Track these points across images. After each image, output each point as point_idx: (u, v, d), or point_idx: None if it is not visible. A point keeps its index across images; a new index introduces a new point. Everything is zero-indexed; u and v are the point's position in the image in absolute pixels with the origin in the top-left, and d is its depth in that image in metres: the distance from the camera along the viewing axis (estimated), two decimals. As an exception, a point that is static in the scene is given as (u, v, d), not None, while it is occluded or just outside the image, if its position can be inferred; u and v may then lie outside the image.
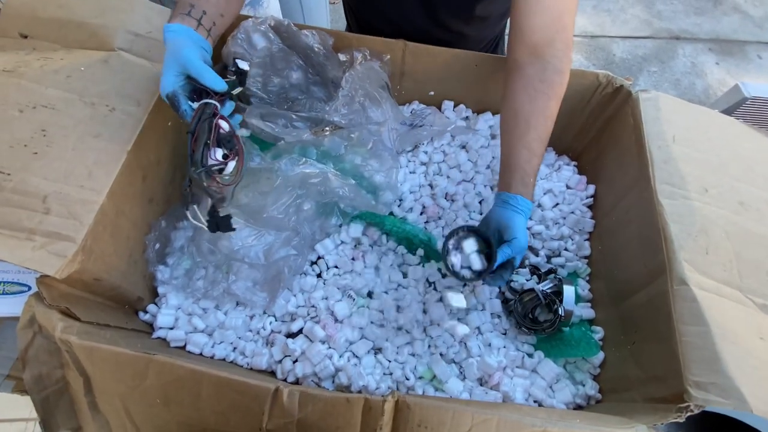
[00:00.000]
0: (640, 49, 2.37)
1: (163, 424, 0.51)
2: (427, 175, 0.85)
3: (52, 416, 0.56)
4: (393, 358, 0.65)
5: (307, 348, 0.64)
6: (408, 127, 0.83)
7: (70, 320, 0.51)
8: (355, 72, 0.74)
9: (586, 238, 0.78)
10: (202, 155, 0.51)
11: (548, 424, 0.45)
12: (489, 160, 0.84)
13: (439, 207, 0.80)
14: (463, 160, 0.83)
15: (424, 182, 0.84)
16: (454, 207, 0.81)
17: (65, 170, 0.55)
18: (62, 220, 0.52)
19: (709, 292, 0.53)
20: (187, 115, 0.54)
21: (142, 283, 0.68)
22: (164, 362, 0.46)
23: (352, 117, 0.75)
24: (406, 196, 0.82)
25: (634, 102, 0.72)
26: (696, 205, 0.60)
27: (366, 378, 0.61)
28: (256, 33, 0.76)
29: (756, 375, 0.48)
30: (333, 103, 0.74)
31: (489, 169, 0.84)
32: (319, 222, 0.74)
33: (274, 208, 0.67)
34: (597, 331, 0.67)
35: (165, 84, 0.55)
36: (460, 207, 0.81)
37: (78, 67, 0.63)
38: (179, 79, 0.55)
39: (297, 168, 0.67)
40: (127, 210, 0.61)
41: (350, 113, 0.75)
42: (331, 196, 0.71)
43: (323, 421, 0.47)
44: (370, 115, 0.77)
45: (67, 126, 0.58)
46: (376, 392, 0.61)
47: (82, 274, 0.54)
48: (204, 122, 0.52)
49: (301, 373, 0.63)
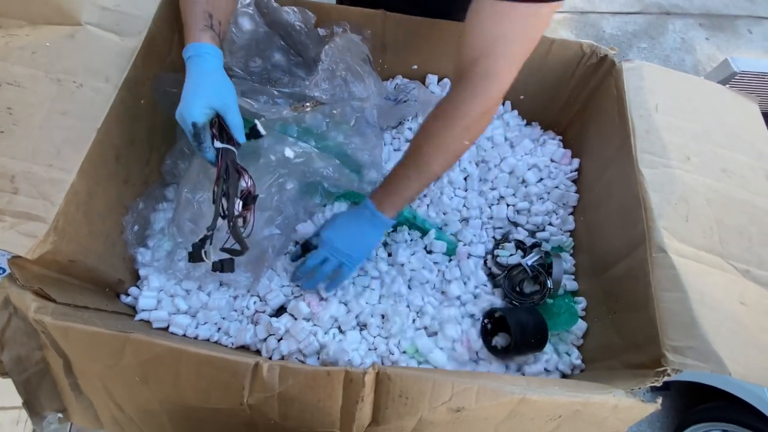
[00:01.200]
0: (630, 25, 2.34)
1: (144, 403, 0.51)
2: None
3: (35, 398, 0.56)
4: (377, 333, 0.65)
5: (292, 326, 0.63)
6: (392, 103, 0.81)
7: (45, 301, 0.50)
8: (335, 45, 0.72)
9: (570, 212, 0.78)
10: (233, 207, 0.53)
11: (528, 391, 0.45)
12: None
13: None
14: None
15: None
16: (439, 184, 0.80)
17: (33, 149, 0.53)
18: (32, 200, 0.51)
19: (688, 259, 0.53)
20: (209, 154, 0.54)
21: (122, 265, 0.67)
22: (141, 341, 0.46)
23: (333, 92, 0.73)
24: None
25: (617, 72, 0.71)
26: (677, 173, 0.60)
27: (351, 354, 0.62)
28: (244, 16, 0.74)
29: (735, 339, 0.48)
30: (313, 78, 0.72)
31: (474, 145, 0.83)
32: (303, 202, 0.73)
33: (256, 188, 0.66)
34: (579, 302, 0.68)
35: (193, 113, 0.52)
36: (445, 184, 0.80)
37: (43, 42, 0.60)
38: (209, 112, 0.53)
39: (279, 148, 0.66)
40: (100, 190, 0.59)
41: (332, 88, 0.73)
42: (315, 176, 0.70)
43: (304, 394, 0.47)
44: (353, 90, 0.75)
45: (34, 104, 0.56)
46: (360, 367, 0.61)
47: (56, 255, 0.52)
48: (234, 175, 0.54)
49: (286, 350, 0.63)
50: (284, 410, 0.47)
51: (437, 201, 0.78)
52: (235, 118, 0.55)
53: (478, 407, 0.46)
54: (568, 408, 0.47)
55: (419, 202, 0.79)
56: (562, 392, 0.46)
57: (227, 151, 0.54)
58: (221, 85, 0.54)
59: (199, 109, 0.52)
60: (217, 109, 0.54)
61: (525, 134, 0.86)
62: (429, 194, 0.79)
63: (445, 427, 0.49)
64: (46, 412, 0.56)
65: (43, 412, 0.56)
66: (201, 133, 0.53)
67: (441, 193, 0.79)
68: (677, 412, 1.27)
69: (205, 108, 0.53)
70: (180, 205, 0.65)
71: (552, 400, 0.46)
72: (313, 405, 0.47)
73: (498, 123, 0.87)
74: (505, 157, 0.81)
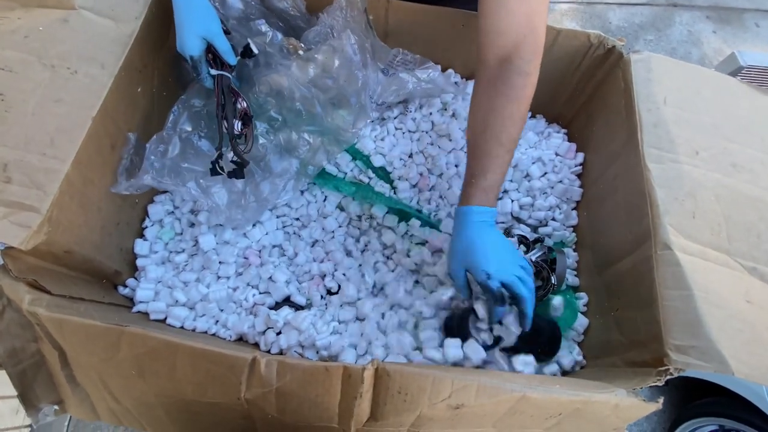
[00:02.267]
0: (636, 17, 2.30)
1: (140, 396, 0.51)
2: (418, 142, 0.81)
3: (30, 390, 0.55)
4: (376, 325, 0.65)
5: (292, 318, 0.63)
6: (393, 73, 0.78)
7: (39, 293, 0.49)
8: (337, 3, 0.69)
9: (573, 207, 0.77)
10: (232, 128, 0.60)
11: (527, 389, 0.44)
12: None
13: (429, 177, 0.78)
14: (454, 129, 0.80)
15: (416, 150, 0.81)
16: (446, 175, 0.78)
17: (25, 137, 0.52)
18: (25, 190, 0.50)
19: (694, 256, 0.52)
20: (207, 82, 0.62)
21: (119, 256, 0.66)
22: (136, 334, 0.45)
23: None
24: (396, 164, 0.79)
25: (625, 64, 0.69)
26: (685, 168, 0.58)
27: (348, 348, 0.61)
28: None
29: (740, 338, 0.48)
30: (308, 32, 0.69)
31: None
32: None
33: None
34: (581, 297, 0.67)
35: (188, 46, 0.59)
36: (452, 175, 0.78)
37: (36, 26, 0.59)
38: (202, 43, 0.60)
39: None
40: (96, 180, 0.58)
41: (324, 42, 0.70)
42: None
43: (303, 389, 0.46)
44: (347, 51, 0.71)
45: (26, 90, 0.54)
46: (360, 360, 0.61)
47: (51, 245, 0.52)
48: (229, 98, 0.61)
49: (285, 344, 0.62)
50: (282, 405, 0.47)
51: (446, 195, 0.77)
52: (222, 43, 0.61)
53: (477, 404, 0.45)
54: (569, 406, 0.46)
55: (429, 194, 0.78)
56: (562, 391, 0.45)
57: (222, 77, 0.61)
58: (204, 13, 0.60)
59: (191, 41, 0.59)
60: (205, 37, 0.59)
61: (529, 127, 0.85)
62: (438, 187, 0.78)
63: (444, 423, 0.49)
64: (42, 404, 0.56)
65: (38, 405, 0.56)
66: (198, 64, 0.60)
67: (449, 185, 0.77)
68: (674, 407, 1.28)
69: (196, 39, 0.59)
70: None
71: (552, 399, 0.45)
72: (311, 400, 0.46)
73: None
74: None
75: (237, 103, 0.62)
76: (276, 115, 0.67)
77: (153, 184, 0.61)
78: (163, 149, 0.63)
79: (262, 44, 0.65)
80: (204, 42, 0.60)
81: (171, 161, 0.63)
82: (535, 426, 0.50)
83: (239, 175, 0.62)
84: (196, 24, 0.59)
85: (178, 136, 0.64)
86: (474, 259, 0.54)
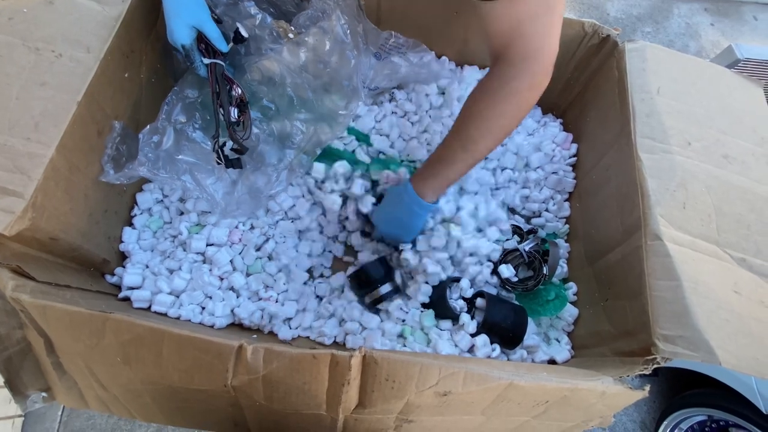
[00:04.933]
0: (635, 9, 2.29)
1: (127, 382, 0.50)
2: (418, 123, 0.80)
3: (17, 376, 0.55)
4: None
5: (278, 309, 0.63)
6: (385, 57, 0.76)
7: (23, 279, 0.48)
8: None
9: (566, 199, 0.77)
10: (229, 115, 0.60)
11: (515, 376, 0.45)
12: None
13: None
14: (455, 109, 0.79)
15: (417, 132, 0.80)
16: None
17: (9, 121, 0.51)
18: (8, 175, 0.49)
19: (684, 247, 0.52)
20: (201, 71, 0.61)
21: (107, 244, 0.65)
22: (121, 320, 0.45)
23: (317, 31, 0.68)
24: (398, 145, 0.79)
25: (620, 53, 0.68)
26: (677, 159, 0.58)
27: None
28: None
29: (727, 328, 0.48)
30: (299, 16, 0.68)
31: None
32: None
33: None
34: (570, 287, 0.67)
35: (179, 35, 0.59)
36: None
37: (20, 8, 0.57)
38: (192, 32, 0.59)
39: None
40: (82, 166, 0.57)
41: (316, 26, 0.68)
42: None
43: (290, 377, 0.46)
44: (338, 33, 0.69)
45: (10, 73, 0.53)
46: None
47: (35, 232, 0.51)
48: (224, 86, 0.60)
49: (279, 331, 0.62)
50: (269, 392, 0.47)
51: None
52: (212, 31, 0.60)
53: (465, 392, 0.45)
54: (556, 394, 0.46)
55: None
56: (550, 378, 0.45)
57: (215, 65, 0.61)
58: (192, 1, 0.59)
59: (181, 30, 0.58)
60: (195, 25, 0.59)
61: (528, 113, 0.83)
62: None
63: (433, 410, 0.49)
64: (29, 392, 0.55)
65: (26, 392, 0.55)
66: (190, 53, 0.60)
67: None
68: (664, 397, 1.29)
69: (186, 28, 0.59)
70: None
71: (539, 386, 0.45)
72: (299, 387, 0.46)
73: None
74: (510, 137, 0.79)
75: (232, 91, 0.61)
76: (269, 103, 0.66)
77: (148, 176, 0.60)
78: (158, 140, 0.62)
79: (251, 27, 0.64)
80: (194, 30, 0.60)
81: (165, 153, 0.62)
82: (523, 413, 0.51)
83: (237, 165, 0.62)
84: (185, 13, 0.58)
85: (173, 127, 0.63)
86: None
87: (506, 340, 0.62)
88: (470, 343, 0.61)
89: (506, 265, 0.69)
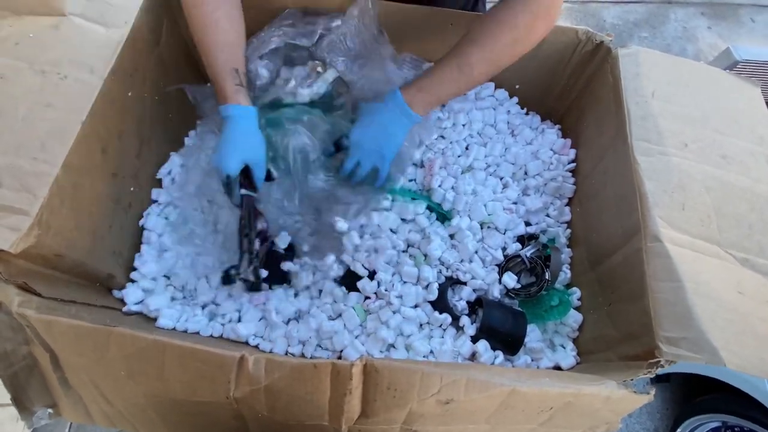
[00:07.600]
0: (631, 15, 2.31)
1: (131, 397, 0.51)
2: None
3: (23, 393, 0.55)
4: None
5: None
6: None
7: (29, 295, 0.49)
8: (349, 12, 0.69)
9: (566, 203, 0.77)
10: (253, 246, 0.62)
11: (517, 383, 0.44)
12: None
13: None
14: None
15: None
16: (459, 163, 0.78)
17: (16, 142, 0.52)
18: (15, 194, 0.50)
19: (684, 248, 0.52)
20: (235, 199, 0.62)
21: (113, 260, 0.66)
22: (124, 334, 0.45)
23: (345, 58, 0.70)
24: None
25: (613, 59, 0.69)
26: (674, 161, 0.58)
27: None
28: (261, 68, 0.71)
29: (731, 329, 0.47)
30: (322, 40, 0.69)
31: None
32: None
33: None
34: (573, 293, 0.67)
35: (229, 167, 0.60)
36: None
37: (27, 33, 0.59)
38: (241, 165, 0.61)
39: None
40: (87, 184, 0.59)
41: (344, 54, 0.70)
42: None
43: (292, 387, 0.46)
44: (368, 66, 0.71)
45: (17, 95, 0.55)
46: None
47: (41, 249, 0.52)
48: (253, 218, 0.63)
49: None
50: (272, 403, 0.47)
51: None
52: (261, 173, 0.63)
53: (467, 399, 0.45)
54: (560, 399, 0.46)
55: (440, 178, 0.76)
56: (552, 383, 0.45)
57: (250, 197, 0.63)
58: (256, 143, 0.62)
59: (234, 164, 0.60)
60: (249, 163, 0.61)
61: (525, 123, 0.84)
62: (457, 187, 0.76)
63: (437, 419, 0.49)
64: (36, 408, 0.56)
65: (32, 408, 0.56)
66: (233, 184, 0.61)
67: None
68: (677, 404, 1.26)
69: (240, 163, 0.60)
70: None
71: (543, 392, 0.45)
72: (301, 398, 0.46)
73: (501, 110, 0.85)
74: (508, 147, 0.80)
75: (258, 223, 0.64)
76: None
77: None
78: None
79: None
80: (242, 165, 0.61)
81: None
82: (529, 421, 0.50)
83: (256, 288, 0.64)
84: (247, 148, 0.61)
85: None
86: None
87: (506, 345, 0.62)
88: (471, 350, 0.61)
89: (508, 274, 0.69)
